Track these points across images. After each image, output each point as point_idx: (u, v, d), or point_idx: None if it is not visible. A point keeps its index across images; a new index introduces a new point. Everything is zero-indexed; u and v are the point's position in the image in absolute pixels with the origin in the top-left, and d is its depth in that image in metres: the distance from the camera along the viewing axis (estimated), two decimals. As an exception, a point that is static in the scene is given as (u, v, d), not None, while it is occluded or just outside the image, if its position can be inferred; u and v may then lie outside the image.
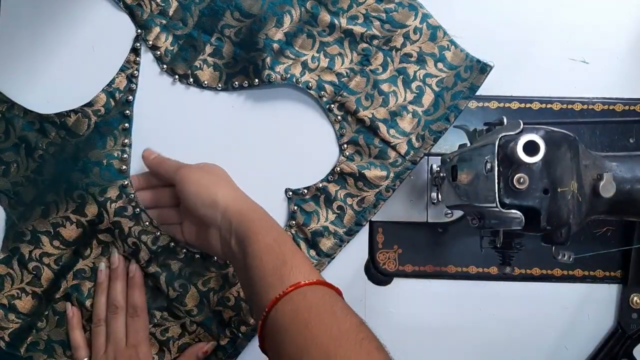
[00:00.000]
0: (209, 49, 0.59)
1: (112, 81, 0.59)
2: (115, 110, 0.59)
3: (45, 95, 0.59)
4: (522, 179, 0.40)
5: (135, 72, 0.59)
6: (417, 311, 0.60)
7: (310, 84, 0.59)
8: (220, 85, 0.59)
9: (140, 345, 0.55)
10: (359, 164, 0.59)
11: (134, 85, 0.59)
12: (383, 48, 0.59)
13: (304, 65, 0.59)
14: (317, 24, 0.58)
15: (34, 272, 0.57)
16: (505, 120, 0.48)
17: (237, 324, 0.58)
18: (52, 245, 0.57)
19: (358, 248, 0.60)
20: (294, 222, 0.59)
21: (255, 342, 0.59)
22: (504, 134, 0.42)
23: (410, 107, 0.58)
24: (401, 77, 0.59)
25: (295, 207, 0.59)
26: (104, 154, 0.58)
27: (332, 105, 0.59)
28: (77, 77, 0.59)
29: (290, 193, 0.59)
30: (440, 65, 0.59)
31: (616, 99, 0.60)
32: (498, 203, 0.41)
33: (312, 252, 0.58)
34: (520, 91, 0.60)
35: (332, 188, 0.59)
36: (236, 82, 0.59)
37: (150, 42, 0.59)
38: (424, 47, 0.59)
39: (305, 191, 0.59)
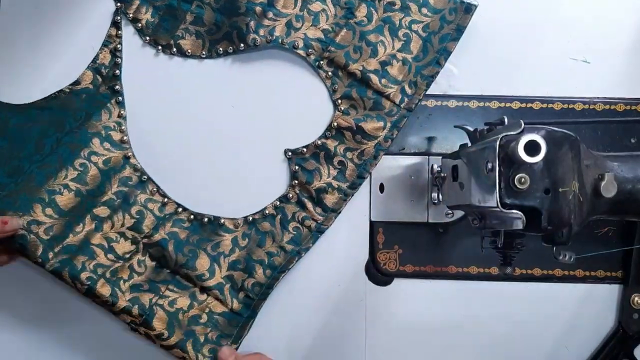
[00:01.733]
0: (189, 18, 0.59)
1: (97, 57, 0.59)
2: (104, 86, 0.59)
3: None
4: (523, 179, 0.40)
5: (119, 45, 0.60)
6: (418, 311, 0.60)
7: (296, 43, 0.59)
8: (204, 52, 0.60)
9: None
10: (355, 117, 0.59)
11: (119, 59, 0.59)
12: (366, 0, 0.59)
13: (289, 25, 0.59)
14: None
15: (20, 242, 0.53)
16: (506, 120, 0.48)
17: (251, 286, 0.58)
18: (45, 213, 0.55)
19: (358, 248, 0.60)
20: (296, 182, 0.59)
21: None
22: (505, 133, 0.42)
23: (399, 55, 0.59)
24: (387, 26, 0.59)
25: (297, 167, 0.59)
26: (100, 125, 0.58)
27: (321, 62, 0.59)
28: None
29: (290, 153, 0.59)
30: (424, 10, 0.59)
31: (617, 98, 0.60)
32: (499, 203, 0.41)
33: (318, 209, 0.59)
34: (521, 91, 0.60)
35: (331, 144, 0.59)
36: (220, 49, 0.59)
37: (131, 15, 0.59)
38: None
39: (305, 150, 0.59)
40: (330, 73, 0.59)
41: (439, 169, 0.56)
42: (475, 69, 0.60)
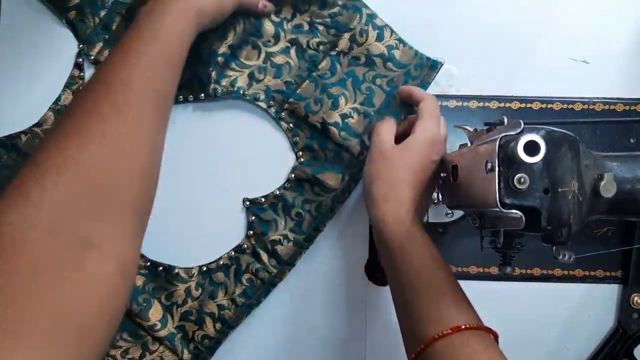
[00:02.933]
0: None
1: (59, 98, 0.58)
2: None
3: None
4: (522, 179, 0.40)
5: (81, 87, 0.58)
6: (418, 311, 0.60)
7: (258, 95, 0.58)
8: None
9: None
10: (314, 168, 0.58)
11: None
12: (330, 54, 0.58)
13: (251, 76, 0.58)
14: (261, 35, 0.58)
15: None
16: (505, 120, 0.48)
17: (200, 338, 0.57)
18: None
19: (358, 248, 0.60)
20: (252, 232, 0.58)
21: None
22: (504, 133, 0.42)
23: (361, 108, 0.58)
24: (350, 80, 0.58)
25: (253, 217, 0.58)
26: None
27: (283, 114, 0.59)
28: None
29: (248, 202, 0.59)
30: (389, 64, 0.58)
31: (617, 99, 0.60)
32: (498, 203, 0.41)
33: (273, 262, 0.58)
34: (521, 91, 0.60)
35: (290, 195, 0.58)
36: (181, 96, 0.58)
37: (93, 57, 0.58)
38: (371, 48, 0.58)
39: (263, 200, 0.58)
40: (291, 125, 0.59)
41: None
42: (475, 69, 0.60)
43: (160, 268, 0.58)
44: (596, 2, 0.61)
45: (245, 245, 0.58)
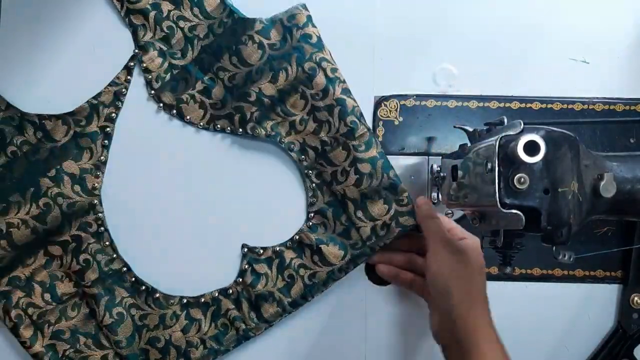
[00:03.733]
0: (199, 86, 0.58)
1: (99, 94, 0.58)
2: (95, 124, 0.58)
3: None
4: (522, 179, 0.40)
5: (124, 90, 0.58)
6: (417, 311, 0.60)
7: (293, 145, 0.57)
8: (202, 123, 0.58)
9: None
10: (319, 237, 0.57)
11: (120, 103, 0.58)
12: (370, 128, 0.57)
13: (292, 125, 0.57)
14: (312, 86, 0.56)
15: None
16: (505, 120, 0.48)
17: None
18: None
19: (358, 248, 0.60)
20: (241, 280, 0.57)
21: None
22: (504, 134, 0.42)
23: (384, 193, 0.56)
24: (381, 160, 0.56)
25: (247, 266, 0.58)
26: (78, 167, 0.57)
27: (310, 172, 0.58)
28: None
29: (246, 250, 0.58)
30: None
31: (616, 99, 0.60)
32: (498, 203, 0.41)
33: (253, 315, 0.57)
34: (521, 91, 0.60)
35: (289, 255, 0.57)
36: (219, 125, 0.58)
37: (145, 65, 0.58)
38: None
39: (262, 251, 0.58)
40: (314, 185, 0.58)
41: (439, 169, 0.56)
42: (475, 69, 0.60)
43: (143, 287, 0.57)
44: (596, 2, 0.61)
45: (231, 291, 0.57)
